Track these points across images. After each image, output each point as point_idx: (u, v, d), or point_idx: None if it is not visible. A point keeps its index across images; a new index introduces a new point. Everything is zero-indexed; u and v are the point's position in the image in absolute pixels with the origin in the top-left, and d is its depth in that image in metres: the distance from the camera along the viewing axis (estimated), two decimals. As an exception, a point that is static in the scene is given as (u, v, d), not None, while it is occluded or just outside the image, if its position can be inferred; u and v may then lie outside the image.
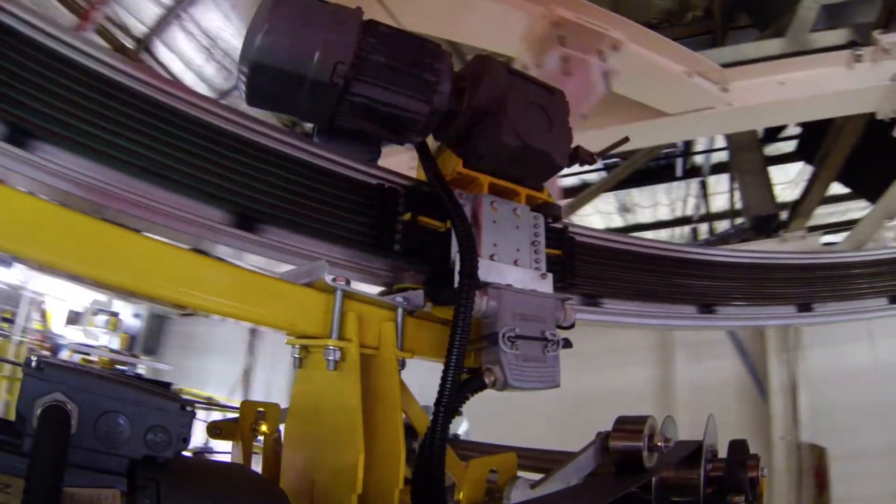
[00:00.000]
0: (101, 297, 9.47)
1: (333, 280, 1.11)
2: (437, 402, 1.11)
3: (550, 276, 1.42)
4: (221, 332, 9.22)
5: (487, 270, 1.27)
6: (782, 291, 2.23)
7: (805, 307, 2.26)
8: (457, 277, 1.21)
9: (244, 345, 8.89)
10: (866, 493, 4.73)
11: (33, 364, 0.74)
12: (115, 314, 9.82)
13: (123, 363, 8.53)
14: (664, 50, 3.11)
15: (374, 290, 1.35)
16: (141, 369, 8.86)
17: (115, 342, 9.59)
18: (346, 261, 1.33)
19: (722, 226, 8.44)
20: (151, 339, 10.69)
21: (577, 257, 1.68)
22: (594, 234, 1.83)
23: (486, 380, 1.19)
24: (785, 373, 5.28)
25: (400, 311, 1.22)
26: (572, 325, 1.37)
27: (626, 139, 1.67)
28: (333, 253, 1.30)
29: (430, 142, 1.49)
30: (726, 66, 3.52)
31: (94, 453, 0.77)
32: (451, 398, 1.10)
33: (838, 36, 3.97)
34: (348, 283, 1.14)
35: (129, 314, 10.41)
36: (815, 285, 2.29)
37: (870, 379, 5.23)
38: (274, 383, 8.38)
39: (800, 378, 5.25)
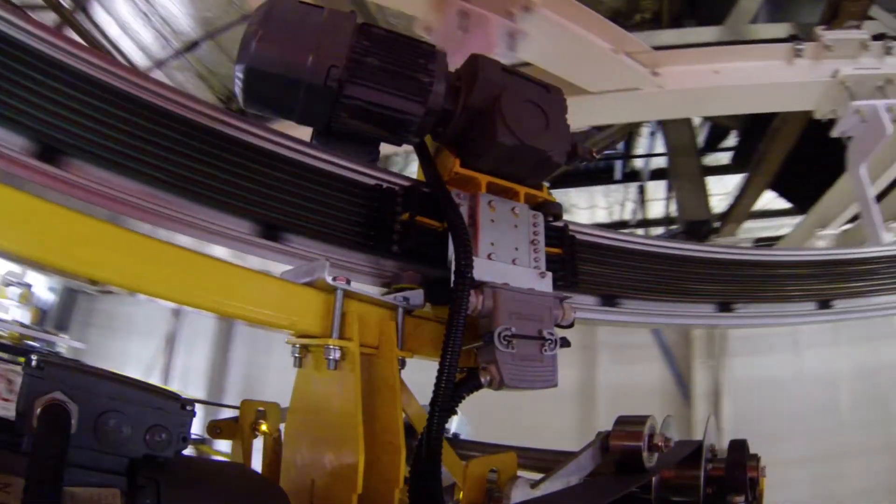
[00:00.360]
0: (15, 268, 8.78)
1: (334, 279, 1.11)
2: (433, 402, 1.10)
3: (550, 274, 1.42)
4: (140, 313, 8.92)
5: (484, 270, 1.27)
6: (699, 288, 2.02)
7: (725, 307, 2.04)
8: (452, 276, 1.21)
9: (164, 327, 8.57)
10: (788, 501, 4.78)
11: (33, 363, 0.74)
12: (28, 286, 9.11)
13: (34, 339, 7.71)
14: (587, 21, 2.85)
15: (372, 289, 1.35)
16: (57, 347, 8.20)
17: (25, 316, 8.83)
18: (345, 261, 1.32)
19: (658, 232, 8.52)
20: (63, 315, 10.00)
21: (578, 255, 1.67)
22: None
23: (483, 379, 1.19)
24: (709, 379, 5.31)
25: (400, 310, 1.22)
26: (572, 325, 1.37)
27: (623, 136, 1.67)
28: (331, 253, 1.30)
29: (431, 141, 1.49)
30: (660, 49, 3.30)
31: (94, 453, 0.77)
32: (447, 398, 1.10)
33: (779, 30, 3.83)
34: (349, 282, 1.14)
35: (44, 287, 9.61)
36: (735, 284, 2.09)
37: (793, 388, 5.30)
38: (192, 367, 8.16)
39: (724, 385, 5.27)
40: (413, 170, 1.72)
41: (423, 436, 1.10)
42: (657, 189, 8.23)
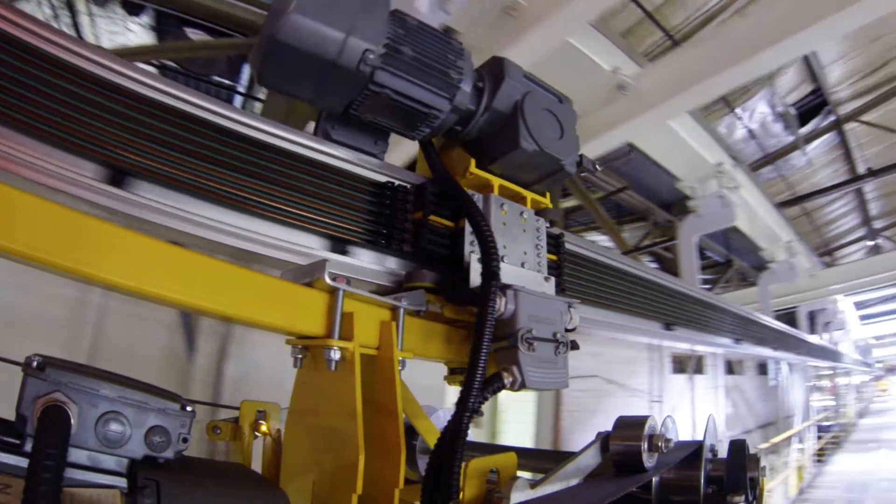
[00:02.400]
0: None
1: (334, 280, 1.11)
2: (462, 402, 1.11)
3: (553, 279, 1.43)
4: None
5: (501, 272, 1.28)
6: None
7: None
8: (471, 276, 1.23)
9: None
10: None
11: (34, 364, 0.74)
12: None
13: None
14: None
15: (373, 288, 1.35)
16: None
17: None
18: (356, 260, 1.31)
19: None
20: None
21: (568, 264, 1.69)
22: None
23: (505, 380, 1.20)
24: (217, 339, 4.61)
25: (401, 310, 1.22)
26: (574, 329, 1.38)
27: (628, 151, 1.69)
28: (340, 252, 1.28)
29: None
30: None
31: (94, 453, 0.77)
32: (476, 398, 1.11)
33: None
34: (349, 282, 1.14)
35: None
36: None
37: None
38: None
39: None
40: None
41: (447, 435, 1.10)
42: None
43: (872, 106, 7.86)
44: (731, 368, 12.64)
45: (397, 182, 1.38)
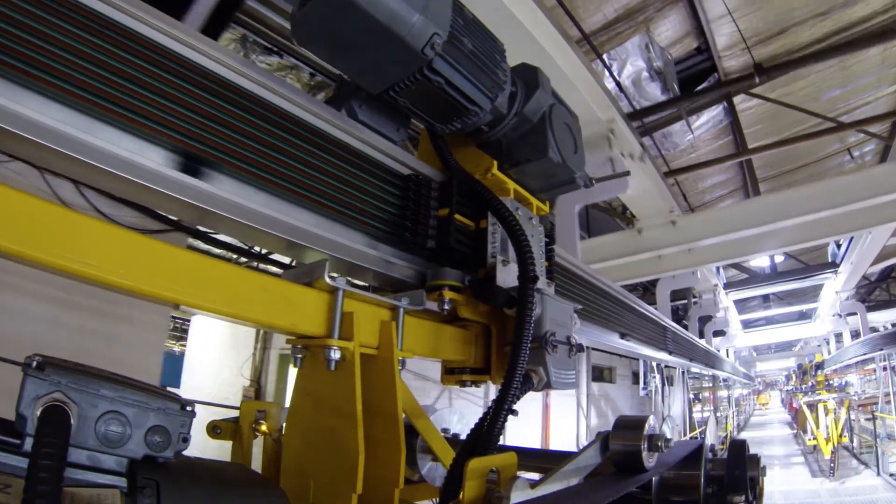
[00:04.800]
0: None
1: (334, 280, 1.11)
2: (500, 401, 1.12)
3: (553, 284, 1.45)
4: None
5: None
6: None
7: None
8: (498, 278, 1.26)
9: None
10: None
11: (34, 364, 0.74)
12: None
13: None
14: None
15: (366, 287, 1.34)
16: None
17: None
18: (375, 251, 1.27)
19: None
20: None
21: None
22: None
23: (533, 380, 1.22)
24: None
25: (401, 310, 1.22)
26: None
27: (627, 172, 1.72)
28: (360, 245, 1.25)
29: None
30: None
31: (94, 453, 0.77)
32: (513, 398, 1.13)
33: None
34: (349, 282, 1.14)
35: None
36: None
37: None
38: None
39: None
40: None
41: (483, 432, 1.12)
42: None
43: (767, 80, 5.87)
44: (601, 375, 12.22)
45: (422, 175, 1.35)
